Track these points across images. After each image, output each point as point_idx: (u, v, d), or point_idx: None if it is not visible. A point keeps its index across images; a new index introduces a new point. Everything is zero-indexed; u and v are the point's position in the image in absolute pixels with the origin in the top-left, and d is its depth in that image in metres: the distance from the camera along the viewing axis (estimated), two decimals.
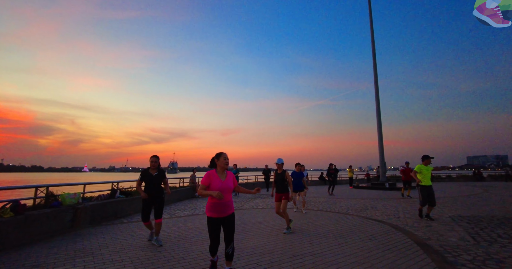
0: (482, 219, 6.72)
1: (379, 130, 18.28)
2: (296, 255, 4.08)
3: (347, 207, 9.28)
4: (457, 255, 4.07)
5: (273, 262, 3.76)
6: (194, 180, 13.09)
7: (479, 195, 12.73)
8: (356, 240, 4.92)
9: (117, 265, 3.65)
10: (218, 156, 3.41)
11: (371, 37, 19.89)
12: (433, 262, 3.71)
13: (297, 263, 3.73)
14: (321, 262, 3.74)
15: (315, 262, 3.76)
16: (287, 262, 3.75)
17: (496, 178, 26.68)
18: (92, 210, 6.43)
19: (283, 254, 4.12)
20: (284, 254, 4.10)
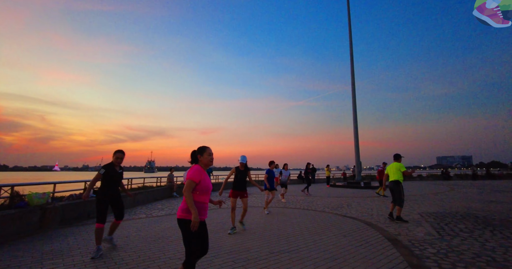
0: (447, 215, 7.16)
1: (355, 131, 18.88)
2: (273, 252, 4.14)
3: (324, 205, 9.52)
4: (423, 248, 4.32)
5: (249, 260, 3.80)
6: (172, 179, 12.85)
7: (446, 193, 13.53)
8: (331, 236, 5.08)
9: (88, 266, 3.53)
10: (202, 151, 2.82)
11: (349, 40, 20.49)
12: (401, 256, 3.91)
13: (273, 260, 3.79)
14: (296, 259, 3.83)
15: (291, 258, 3.85)
16: (264, 259, 3.80)
17: (462, 177, 28.46)
18: (63, 210, 6.15)
19: (260, 251, 4.18)
20: (260, 252, 4.15)
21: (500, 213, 7.51)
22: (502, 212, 7.67)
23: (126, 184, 11.13)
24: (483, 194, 12.76)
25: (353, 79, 19.80)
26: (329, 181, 19.34)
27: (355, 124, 18.94)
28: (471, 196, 11.95)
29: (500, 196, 11.69)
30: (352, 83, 19.71)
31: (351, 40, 20.42)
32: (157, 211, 8.37)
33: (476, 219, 6.60)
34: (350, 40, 20.44)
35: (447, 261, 3.75)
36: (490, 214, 7.27)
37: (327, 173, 19.62)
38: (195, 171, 2.71)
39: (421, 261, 3.74)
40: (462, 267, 3.51)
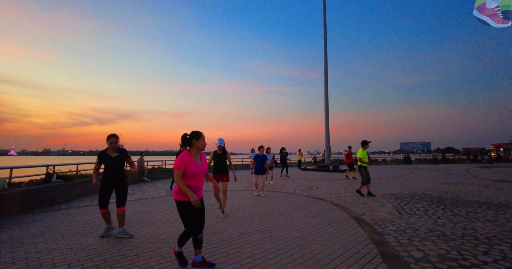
0: (406, 196, 7.76)
1: (326, 117, 19.43)
2: (246, 233, 4.25)
3: (295, 187, 9.86)
4: (385, 226, 4.68)
5: (223, 241, 3.87)
6: (143, 163, 12.49)
7: (406, 176, 14.59)
8: (301, 217, 5.30)
9: (54, 253, 3.38)
10: (198, 136, 2.96)
11: (324, 27, 20.58)
12: (365, 233, 4.21)
13: (246, 240, 3.90)
14: (268, 238, 3.97)
15: (263, 238, 3.98)
16: (237, 240, 3.90)
17: (421, 161, 30.77)
18: (22, 197, 5.76)
19: (233, 233, 4.26)
20: (234, 233, 4.24)
21: (451, 193, 8.29)
22: (453, 192, 8.47)
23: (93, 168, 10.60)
24: (438, 176, 13.95)
25: (326, 66, 20.11)
26: (300, 165, 19.95)
27: (326, 110, 19.46)
28: (428, 178, 13.01)
29: (452, 178, 12.86)
30: (325, 70, 20.03)
31: (325, 27, 20.53)
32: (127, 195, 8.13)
33: (431, 199, 7.24)
34: (325, 27, 20.54)
35: (405, 236, 4.10)
36: (443, 194, 7.99)
37: (298, 157, 20.19)
38: (178, 160, 2.86)
39: (382, 237, 4.05)
40: (417, 241, 3.87)
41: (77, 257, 3.25)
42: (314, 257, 3.28)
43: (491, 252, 3.46)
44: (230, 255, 3.34)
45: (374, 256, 3.33)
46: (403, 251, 3.52)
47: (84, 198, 7.73)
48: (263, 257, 3.26)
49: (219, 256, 3.31)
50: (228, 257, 3.28)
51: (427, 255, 3.35)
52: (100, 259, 3.21)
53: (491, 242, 3.85)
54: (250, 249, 3.54)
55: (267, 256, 3.31)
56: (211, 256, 3.30)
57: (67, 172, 9.04)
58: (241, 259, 3.20)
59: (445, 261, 3.18)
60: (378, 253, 3.42)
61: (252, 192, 8.64)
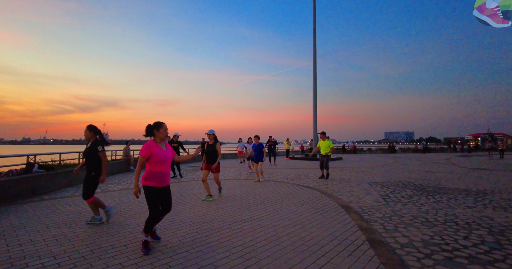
0: (391, 184, 7.99)
1: (314, 107, 19.52)
2: (236, 221, 4.26)
3: (283, 175, 9.96)
4: (371, 213, 4.81)
5: (213, 230, 3.87)
6: (129, 152, 12.24)
7: (391, 164, 15.01)
8: (290, 205, 5.36)
9: (38, 245, 3.28)
10: (158, 126, 3.24)
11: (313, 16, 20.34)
12: (353, 221, 4.31)
13: (236, 228, 3.91)
14: (258, 226, 4.00)
15: (253, 226, 4.00)
16: (227, 229, 3.90)
17: (405, 151, 31.73)
18: (2, 188, 5.53)
19: (223, 221, 4.27)
20: (224, 222, 4.24)
21: (434, 181, 8.60)
22: (435, 180, 8.80)
23: (77, 157, 10.32)
24: (421, 165, 14.42)
25: (314, 55, 20.02)
26: (288, 154, 20.13)
27: (315, 100, 19.53)
28: (412, 167, 13.44)
29: (434, 167, 13.34)
30: (313, 59, 19.95)
31: (314, 17, 20.29)
32: (113, 185, 7.99)
33: (415, 187, 7.48)
34: (314, 16, 20.30)
35: (391, 223, 4.23)
36: (425, 182, 8.28)
37: (286, 146, 20.34)
38: (143, 147, 3.15)
39: (369, 224, 4.16)
40: (402, 228, 4.00)
41: (63, 249, 3.17)
42: (304, 244, 3.33)
43: (470, 236, 3.63)
44: (221, 243, 3.34)
45: (362, 242, 3.41)
46: (389, 237, 3.62)
47: (68, 188, 7.52)
48: (254, 245, 3.28)
49: (210, 244, 3.30)
50: (219, 245, 3.28)
51: (412, 241, 3.47)
52: (87, 250, 3.14)
53: (471, 227, 4.03)
54: (241, 237, 3.56)
55: (258, 244, 3.33)
56: (201, 245, 3.30)
57: (49, 162, 8.74)
58: (232, 248, 3.20)
59: (428, 246, 3.30)
60: (366, 239, 3.51)
61: (240, 181, 8.65)
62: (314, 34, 20.19)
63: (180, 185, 7.98)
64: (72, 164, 9.08)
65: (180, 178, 9.50)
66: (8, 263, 2.80)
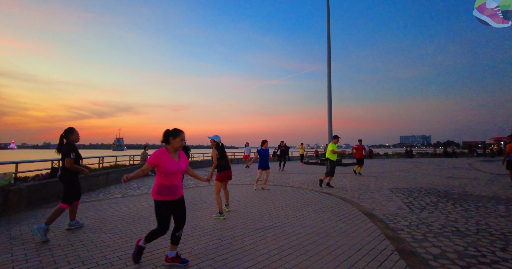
0: (413, 190, 7.72)
1: (329, 110, 19.28)
2: (257, 228, 4.21)
3: (300, 181, 9.82)
4: (397, 221, 4.64)
5: (235, 237, 3.83)
6: (146, 157, 12.43)
7: (410, 170, 14.56)
8: (311, 212, 5.26)
9: (66, 250, 3.34)
10: (175, 134, 2.91)
11: (327, 19, 20.24)
12: (378, 229, 4.17)
13: (259, 236, 3.85)
14: (281, 234, 3.93)
15: (276, 234, 3.93)
16: (249, 236, 3.85)
17: (423, 155, 30.78)
18: (29, 192, 5.71)
19: (245, 228, 4.22)
20: (245, 229, 4.19)
21: (458, 187, 8.26)
22: (459, 186, 8.44)
23: (97, 162, 10.58)
24: (442, 170, 13.91)
25: (329, 58, 19.86)
26: (303, 159, 19.91)
27: (329, 103, 19.30)
28: (432, 172, 12.98)
29: (456, 172, 12.83)
30: (328, 62, 19.78)
31: (328, 20, 20.19)
32: (132, 190, 8.11)
33: (439, 194, 7.20)
34: (328, 19, 20.20)
35: (419, 232, 4.06)
36: (449, 189, 7.96)
37: (301, 151, 20.13)
38: (153, 155, 2.86)
39: (396, 233, 4.01)
40: (432, 237, 3.82)
41: (90, 254, 3.21)
42: (331, 253, 3.24)
43: (509, 248, 3.42)
44: (245, 251, 3.30)
45: (390, 252, 3.28)
46: (420, 247, 3.47)
47: (90, 192, 7.69)
48: (279, 254, 3.21)
49: (235, 252, 3.26)
50: (244, 253, 3.23)
51: (445, 252, 3.30)
52: (113, 256, 3.17)
53: (507, 238, 3.81)
54: (265, 245, 3.50)
55: (283, 252, 3.26)
56: (225, 252, 3.26)
57: None
58: (257, 256, 3.15)
59: (464, 258, 3.14)
60: (395, 249, 3.37)
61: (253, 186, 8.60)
62: (328, 39, 20.06)
63: (198, 190, 8.00)
64: (93, 169, 9.29)
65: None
66: (40, 268, 2.85)
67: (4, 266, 2.90)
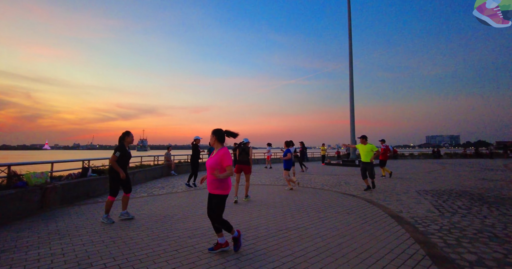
0: (443, 193, 7.35)
1: (351, 110, 18.85)
2: (281, 229, 4.18)
3: (322, 182, 9.66)
4: (427, 225, 4.43)
5: (259, 237, 3.83)
6: (170, 157, 12.77)
7: (438, 171, 13.89)
8: (335, 214, 5.15)
9: (98, 246, 3.50)
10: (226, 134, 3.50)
11: (348, 16, 19.81)
12: (407, 233, 4.00)
13: (283, 237, 3.83)
14: (305, 236, 3.88)
15: (300, 235, 3.89)
16: (273, 237, 3.84)
17: (451, 156, 29.24)
18: (63, 190, 6.05)
19: (268, 229, 4.21)
20: (269, 229, 4.19)
21: (493, 190, 7.75)
22: (495, 189, 7.92)
23: None
24: (474, 172, 13.15)
25: (350, 57, 19.42)
26: (324, 159, 19.59)
27: (352, 103, 18.87)
28: (463, 174, 12.30)
29: (491, 174, 12.06)
30: (349, 61, 19.35)
31: (349, 17, 19.75)
32: (157, 189, 8.35)
33: (472, 196, 6.80)
34: (349, 16, 19.76)
35: (451, 237, 3.85)
36: (484, 192, 7.49)
37: (322, 152, 19.82)
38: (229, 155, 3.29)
39: (426, 237, 3.83)
40: (466, 243, 3.61)
41: (120, 251, 3.34)
42: (357, 256, 3.15)
43: None
44: (270, 252, 3.29)
45: (421, 257, 3.14)
46: (453, 252, 3.29)
47: None
48: (304, 255, 3.17)
49: (259, 252, 3.26)
50: (268, 254, 3.23)
51: (482, 259, 3.11)
52: (142, 253, 3.27)
53: None
54: (289, 246, 3.47)
55: (308, 254, 3.22)
56: (250, 252, 3.27)
57: (100, 166, 9.40)
58: (282, 257, 3.13)
59: (504, 266, 2.93)
60: (426, 254, 3.22)
61: (276, 187, 8.56)
62: (349, 37, 19.61)
63: None
64: None
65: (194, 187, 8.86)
66: (75, 262, 3.00)
67: (44, 258, 3.10)
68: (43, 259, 3.08)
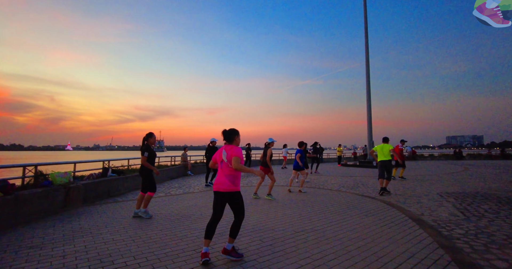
0: (467, 195, 7.04)
1: (368, 110, 18.43)
2: (298, 231, 4.14)
3: (339, 184, 9.50)
4: (451, 229, 4.25)
5: (276, 239, 3.80)
6: (186, 158, 12.96)
7: (460, 172, 13.33)
8: (353, 216, 5.04)
9: (119, 244, 3.58)
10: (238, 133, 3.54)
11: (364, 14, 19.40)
12: (430, 237, 3.86)
13: (300, 239, 3.78)
14: (323, 238, 3.81)
15: (318, 238, 3.83)
16: (290, 238, 3.80)
17: (475, 157, 28.00)
18: (85, 189, 6.26)
19: (285, 230, 4.17)
20: (285, 231, 4.15)
21: None
22: None
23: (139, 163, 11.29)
24: (501, 174, 12.52)
25: (367, 56, 19.01)
26: (340, 160, 19.26)
27: (369, 103, 18.46)
28: (489, 176, 11.75)
29: None
30: (366, 60, 18.95)
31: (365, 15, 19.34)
32: (174, 189, 8.49)
33: (499, 200, 6.47)
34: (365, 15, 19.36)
35: (478, 242, 3.67)
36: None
37: (338, 153, 19.50)
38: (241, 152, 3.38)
39: (451, 242, 3.67)
40: (495, 249, 3.44)
41: (140, 249, 3.41)
42: (378, 260, 3.06)
43: None
44: (287, 254, 3.25)
45: (447, 263, 3.01)
46: (482, 259, 3.14)
47: (136, 190, 8.20)
48: (322, 258, 3.12)
49: (277, 254, 3.24)
50: (286, 256, 3.19)
51: None
52: (161, 252, 3.33)
53: None
54: (307, 249, 3.42)
55: (326, 257, 3.16)
56: (267, 254, 3.25)
57: (120, 167, 9.67)
58: (300, 259, 3.09)
59: None
60: (451, 259, 3.09)
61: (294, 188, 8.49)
62: (366, 35, 19.21)
63: None
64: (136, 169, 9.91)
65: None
66: (97, 259, 3.09)
67: (69, 255, 3.21)
68: (68, 256, 3.19)
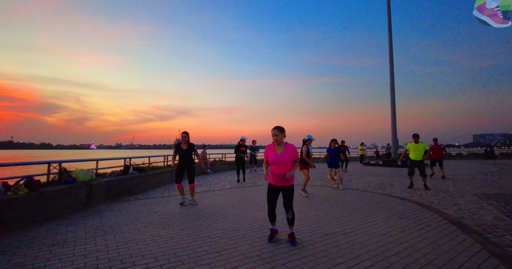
0: (510, 197, 6.43)
1: (392, 107, 17.65)
2: (327, 234, 3.85)
3: (364, 184, 9.05)
4: (500, 235, 3.81)
5: (304, 241, 3.54)
6: (205, 156, 12.92)
7: (496, 173, 12.41)
8: (385, 218, 4.68)
9: (140, 244, 3.46)
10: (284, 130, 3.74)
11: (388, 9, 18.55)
12: (477, 243, 3.45)
13: (330, 242, 3.50)
14: (355, 242, 3.51)
15: (350, 241, 3.53)
16: (320, 242, 3.53)
17: (509, 156, 26.22)
18: (107, 186, 6.27)
19: (313, 233, 3.90)
20: (314, 233, 3.88)
21: None
22: None
23: (162, 161, 11.36)
24: None
25: (391, 52, 18.19)
26: (363, 159, 18.59)
27: (393, 100, 17.67)
28: None
29: None
30: (390, 56, 18.13)
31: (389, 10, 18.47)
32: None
33: None
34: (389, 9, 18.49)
35: None
36: None
37: (360, 151, 18.85)
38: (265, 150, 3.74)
39: (504, 250, 3.26)
40: None
41: (161, 250, 3.26)
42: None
43: None
44: (318, 259, 2.99)
45: None
46: None
47: (157, 188, 8.20)
48: (358, 264, 2.83)
49: (306, 259, 2.98)
50: (317, 261, 2.93)
51: None
52: (183, 253, 3.16)
53: None
54: (339, 253, 3.14)
55: (363, 263, 2.86)
56: (297, 258, 3.00)
57: (140, 164, 9.74)
58: (333, 265, 2.81)
59: None
60: None
61: (315, 188, 8.17)
62: (389, 29, 18.38)
63: (257, 189, 7.91)
64: (159, 166, 9.96)
65: (243, 182, 9.59)
66: (118, 260, 2.97)
67: (90, 254, 3.12)
68: (89, 255, 3.09)
